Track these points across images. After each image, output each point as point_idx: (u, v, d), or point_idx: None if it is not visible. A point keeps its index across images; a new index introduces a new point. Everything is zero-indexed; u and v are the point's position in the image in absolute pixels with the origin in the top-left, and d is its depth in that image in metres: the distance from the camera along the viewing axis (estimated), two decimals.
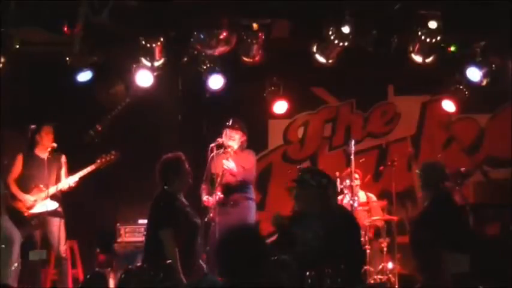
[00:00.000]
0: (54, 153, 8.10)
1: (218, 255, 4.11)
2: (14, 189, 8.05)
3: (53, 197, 8.04)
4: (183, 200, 6.59)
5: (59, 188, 8.05)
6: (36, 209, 7.99)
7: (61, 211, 8.13)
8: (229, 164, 7.88)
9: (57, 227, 8.03)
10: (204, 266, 6.70)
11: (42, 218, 7.99)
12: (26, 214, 7.99)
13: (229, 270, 4.05)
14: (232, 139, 8.03)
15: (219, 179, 7.98)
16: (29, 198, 8.01)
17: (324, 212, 5.74)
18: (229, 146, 8.05)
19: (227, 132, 8.02)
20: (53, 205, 8.01)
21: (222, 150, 8.08)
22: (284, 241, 5.81)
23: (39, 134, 8.13)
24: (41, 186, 7.99)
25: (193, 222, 6.47)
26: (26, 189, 8.03)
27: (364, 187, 8.85)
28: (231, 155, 8.08)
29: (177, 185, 6.47)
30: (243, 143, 8.13)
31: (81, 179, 8.10)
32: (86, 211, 8.88)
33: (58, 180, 8.11)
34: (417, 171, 7.25)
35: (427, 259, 6.77)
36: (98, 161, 8.13)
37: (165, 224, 6.26)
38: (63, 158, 8.24)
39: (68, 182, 8.06)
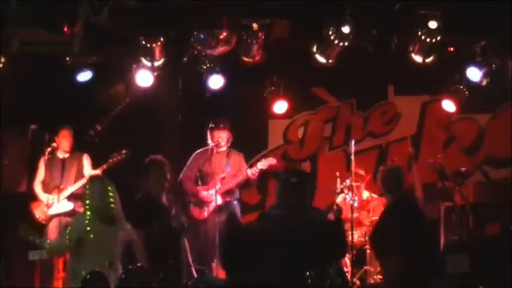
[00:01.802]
0: (74, 153, 8.26)
1: (222, 252, 4.14)
2: (38, 191, 8.21)
3: (72, 197, 8.11)
4: (164, 201, 6.60)
5: (76, 188, 8.10)
6: (53, 210, 8.04)
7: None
8: (254, 172, 7.98)
9: None
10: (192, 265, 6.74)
11: (59, 219, 8.07)
12: (42, 218, 8.08)
13: (230, 268, 4.07)
14: (221, 139, 8.10)
15: (220, 182, 8.02)
16: (47, 197, 8.08)
17: (295, 211, 5.72)
18: (220, 147, 8.11)
19: (214, 133, 8.09)
20: (68, 206, 8.08)
21: (210, 150, 8.10)
22: None
23: (57, 137, 8.22)
24: (61, 186, 8.08)
25: (169, 224, 6.49)
26: (49, 191, 8.16)
27: (367, 187, 8.84)
28: (223, 155, 8.14)
29: (156, 187, 6.50)
30: (229, 140, 8.21)
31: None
32: None
33: (78, 180, 8.19)
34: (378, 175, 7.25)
35: (387, 262, 6.76)
36: (110, 160, 8.21)
37: (134, 225, 6.31)
38: (85, 157, 8.35)
39: (80, 183, 8.11)
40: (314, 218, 5.80)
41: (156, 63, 8.04)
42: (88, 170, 8.30)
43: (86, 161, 8.38)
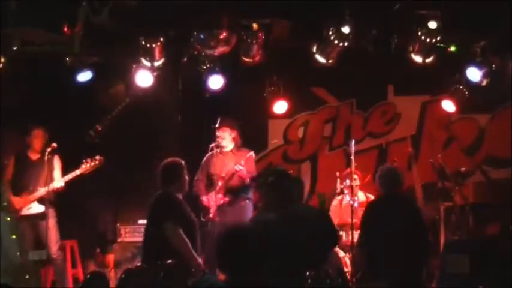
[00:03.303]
0: (47, 154, 8.05)
1: (219, 253, 4.12)
2: (6, 191, 8.09)
3: (42, 199, 8.01)
4: (181, 199, 6.63)
5: (48, 190, 7.98)
6: (24, 212, 7.99)
7: (51, 212, 8.06)
8: (242, 168, 7.93)
9: (46, 229, 8.00)
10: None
11: (31, 220, 8.02)
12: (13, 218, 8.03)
13: (229, 268, 4.06)
14: (222, 138, 8.08)
15: (221, 182, 8.01)
16: (16, 200, 8.00)
17: (281, 212, 5.73)
18: (223, 147, 8.10)
19: (216, 134, 8.09)
20: (39, 208, 7.99)
21: (218, 150, 8.13)
22: None
23: (29, 136, 8.13)
24: (31, 188, 7.99)
25: (192, 220, 6.51)
26: (18, 191, 8.04)
27: (364, 187, 8.84)
28: (228, 155, 8.12)
29: (175, 189, 6.51)
30: (235, 139, 8.20)
31: (67, 183, 8.05)
32: (86, 211, 8.88)
33: (50, 181, 8.02)
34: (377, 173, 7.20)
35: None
36: (83, 166, 8.07)
37: (170, 218, 6.27)
38: (56, 159, 8.19)
39: (54, 185, 8.01)
40: (301, 213, 5.82)
41: (156, 63, 8.03)
42: (58, 173, 8.13)
43: (57, 163, 8.19)
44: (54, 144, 8.13)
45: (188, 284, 6.07)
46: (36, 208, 8.00)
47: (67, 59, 8.12)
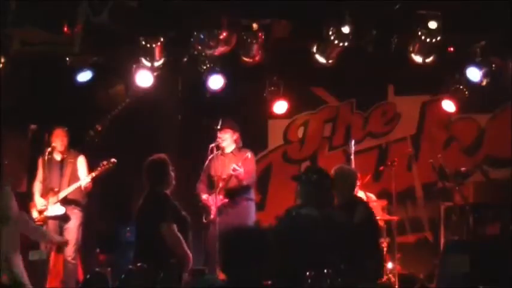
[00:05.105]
0: (70, 154, 8.17)
1: (221, 253, 4.12)
2: (35, 192, 8.15)
3: (67, 201, 8.09)
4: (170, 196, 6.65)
5: (69, 191, 8.06)
6: (48, 213, 8.02)
7: (75, 214, 8.17)
8: (239, 170, 7.91)
9: (66, 231, 8.10)
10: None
11: (55, 222, 8.08)
12: (38, 218, 8.03)
13: (231, 267, 4.06)
14: (223, 140, 8.07)
15: (221, 183, 8.00)
16: (40, 201, 8.04)
17: (323, 210, 5.72)
18: (223, 148, 8.09)
19: (218, 135, 8.08)
20: (59, 210, 8.03)
21: (219, 151, 8.13)
22: None
23: (51, 137, 8.16)
24: (56, 189, 8.03)
25: (184, 217, 6.51)
26: (45, 193, 8.09)
27: (364, 187, 8.83)
28: (229, 156, 8.11)
29: (164, 186, 6.51)
30: (236, 140, 8.18)
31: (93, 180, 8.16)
32: (86, 211, 8.86)
33: (73, 181, 8.12)
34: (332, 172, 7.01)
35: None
36: (99, 168, 8.15)
37: (165, 218, 6.27)
38: (81, 158, 8.26)
39: (72, 187, 8.07)
40: (339, 219, 5.80)
41: (156, 63, 8.03)
42: (83, 172, 8.20)
43: (82, 162, 8.27)
44: (54, 145, 8.15)
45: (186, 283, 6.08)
46: (57, 210, 8.04)
47: (67, 59, 8.12)
